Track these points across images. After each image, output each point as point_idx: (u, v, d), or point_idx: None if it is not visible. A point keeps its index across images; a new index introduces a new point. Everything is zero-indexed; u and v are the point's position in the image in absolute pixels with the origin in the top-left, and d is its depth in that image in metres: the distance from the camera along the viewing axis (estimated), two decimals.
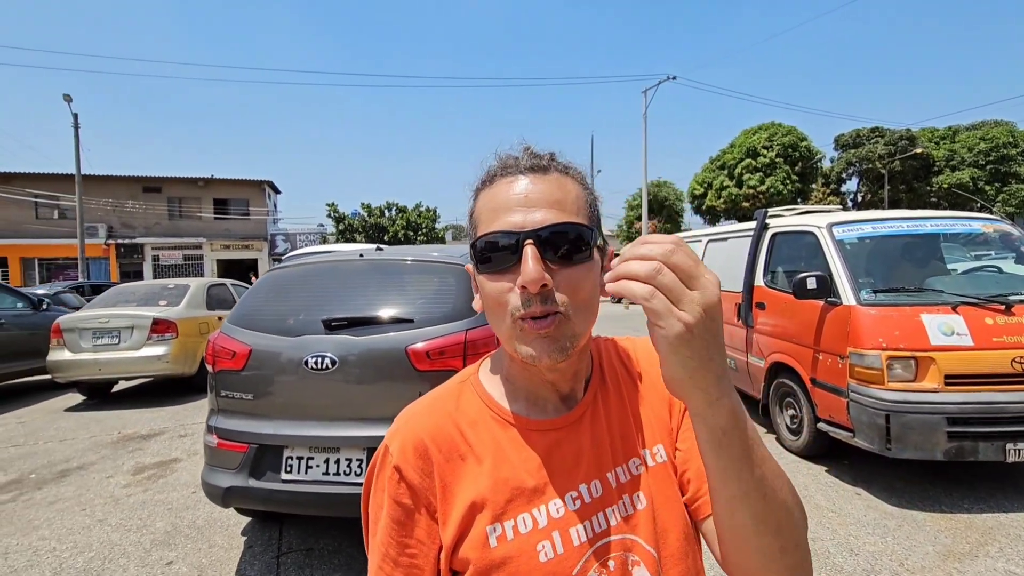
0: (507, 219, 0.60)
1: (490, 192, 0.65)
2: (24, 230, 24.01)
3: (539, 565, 0.60)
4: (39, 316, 7.23)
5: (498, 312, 0.62)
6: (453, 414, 0.68)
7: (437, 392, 0.73)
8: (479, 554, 0.61)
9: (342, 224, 27.85)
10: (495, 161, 0.67)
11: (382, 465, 0.67)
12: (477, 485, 0.63)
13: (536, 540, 0.61)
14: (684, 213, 35.13)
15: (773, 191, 29.54)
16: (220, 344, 2.73)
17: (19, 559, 2.94)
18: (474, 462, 0.65)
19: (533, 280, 0.56)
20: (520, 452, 0.66)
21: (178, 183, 26.65)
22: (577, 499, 0.64)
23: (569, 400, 0.70)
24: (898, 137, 32.63)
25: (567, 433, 0.68)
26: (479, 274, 0.64)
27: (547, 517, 0.63)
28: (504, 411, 0.69)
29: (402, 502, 0.64)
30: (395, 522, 0.64)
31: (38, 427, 5.66)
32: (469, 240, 0.68)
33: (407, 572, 0.63)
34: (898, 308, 3.43)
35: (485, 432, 0.67)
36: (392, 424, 0.70)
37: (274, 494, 2.50)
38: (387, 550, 0.63)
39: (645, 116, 24.58)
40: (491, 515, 0.62)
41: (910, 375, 3.26)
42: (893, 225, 4.03)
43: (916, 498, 3.37)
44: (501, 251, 0.60)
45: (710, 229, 6.58)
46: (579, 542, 0.62)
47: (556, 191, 0.62)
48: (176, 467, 4.30)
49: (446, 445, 0.65)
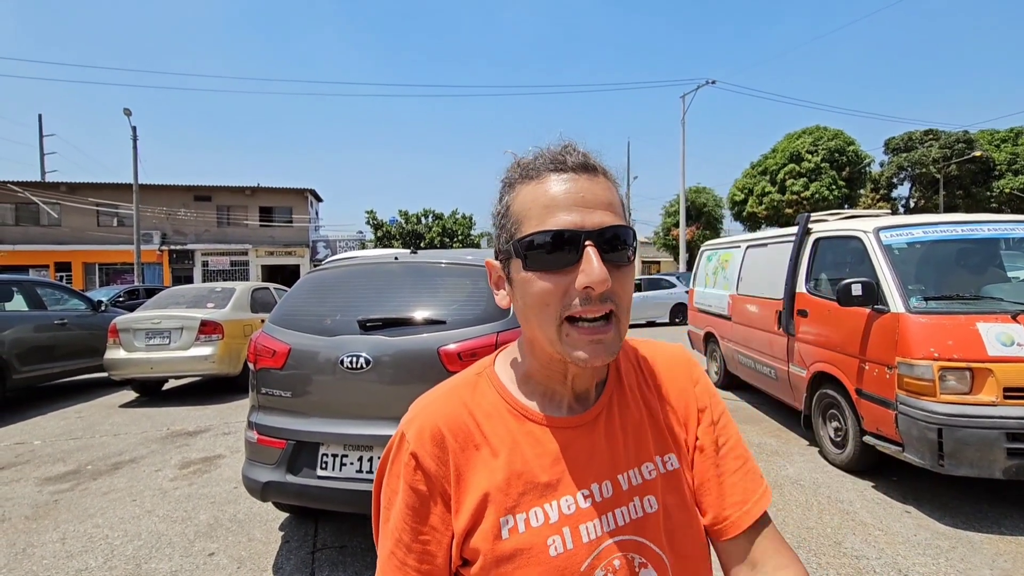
0: (564, 218, 0.59)
1: (538, 187, 0.62)
2: (86, 237, 25.53)
3: (549, 559, 0.61)
4: (98, 317, 7.66)
5: (544, 312, 0.60)
6: (469, 404, 0.69)
7: (453, 381, 0.73)
8: (490, 545, 0.61)
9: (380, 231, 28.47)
10: (533, 156, 0.65)
11: (398, 451, 0.67)
12: (491, 476, 0.64)
13: (547, 535, 0.62)
14: (724, 220, 34.33)
15: (818, 197, 28.49)
16: (261, 343, 2.84)
17: (75, 544, 3.11)
18: (489, 453, 0.65)
19: (601, 280, 0.57)
20: (535, 447, 0.66)
21: (226, 192, 27.83)
22: (588, 497, 0.64)
23: (583, 399, 0.71)
24: (954, 140, 31.00)
25: (582, 432, 0.68)
26: (524, 271, 0.61)
27: (559, 513, 0.63)
28: (521, 406, 0.69)
29: (418, 488, 0.64)
30: (409, 508, 0.64)
31: (95, 421, 5.98)
32: (502, 233, 0.65)
33: (419, 558, 0.63)
34: (951, 316, 3.26)
35: (500, 425, 0.67)
36: (408, 411, 0.70)
37: (309, 490, 2.57)
38: (400, 535, 0.64)
39: (683, 121, 24.24)
40: (504, 507, 0.63)
41: (965, 387, 3.08)
42: (946, 229, 3.83)
43: (972, 518, 3.17)
44: (559, 250, 0.59)
45: (749, 235, 6.41)
46: (588, 539, 0.62)
47: (607, 193, 0.62)
48: (219, 463, 4.47)
49: (462, 434, 0.66)
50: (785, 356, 4.74)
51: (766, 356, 5.16)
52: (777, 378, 4.94)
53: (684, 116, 24.25)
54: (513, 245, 0.62)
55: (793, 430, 4.94)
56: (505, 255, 0.65)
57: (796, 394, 4.61)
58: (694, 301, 7.53)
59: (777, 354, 4.90)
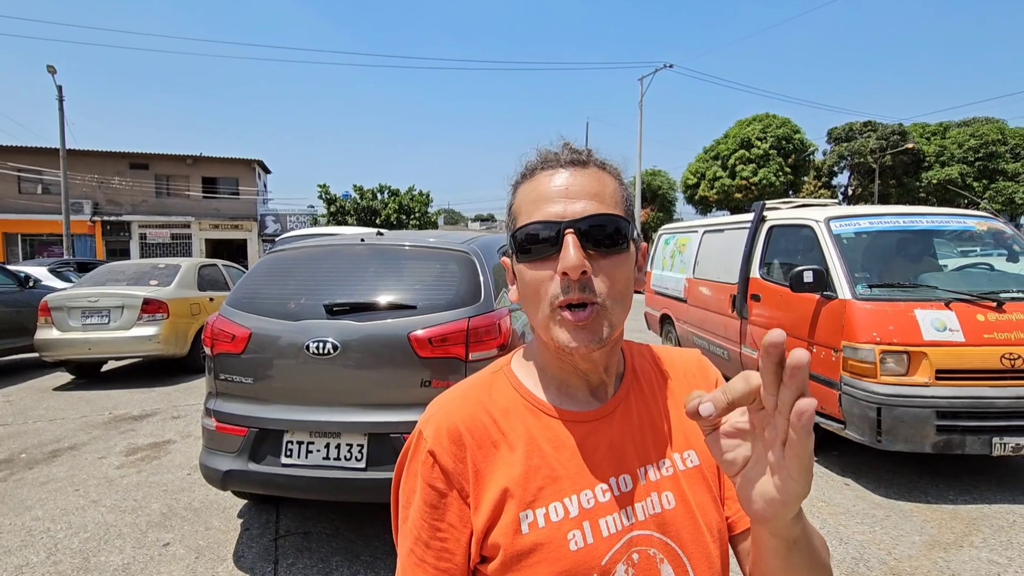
0: (548, 210, 0.62)
1: (530, 185, 0.66)
2: (6, 205, 23.45)
3: (569, 553, 0.61)
4: (26, 293, 7.11)
5: (536, 300, 0.63)
6: (486, 402, 0.69)
7: (470, 381, 0.74)
8: (510, 540, 0.61)
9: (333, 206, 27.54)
10: (535, 157, 0.69)
11: (416, 450, 0.67)
12: (510, 472, 0.64)
13: (567, 529, 0.62)
14: (677, 203, 35.23)
15: (766, 183, 29.66)
16: (219, 327, 2.71)
17: (13, 539, 2.92)
18: (507, 450, 0.65)
19: (574, 266, 0.59)
20: (552, 441, 0.66)
21: (166, 160, 26.12)
22: (607, 491, 0.65)
23: (600, 393, 0.71)
24: (890, 132, 32.84)
25: (599, 426, 0.68)
26: (519, 263, 0.65)
27: (578, 507, 0.63)
28: (538, 400, 0.69)
29: (436, 486, 0.64)
30: (428, 505, 0.64)
31: (27, 406, 5.59)
32: (508, 231, 0.69)
33: (438, 555, 0.63)
34: (892, 303, 3.48)
35: (518, 421, 0.67)
36: (425, 411, 0.70)
37: (274, 478, 2.51)
38: (419, 533, 0.64)
39: (641, 104, 24.48)
40: (523, 502, 0.62)
41: (902, 369, 3.31)
42: (889, 221, 4.07)
43: (904, 489, 3.45)
44: (542, 240, 0.62)
45: (706, 219, 6.60)
46: (608, 534, 0.63)
47: (595, 184, 0.64)
48: (170, 448, 4.28)
49: (479, 432, 0.66)
50: (738, 338, 4.95)
51: (720, 338, 5.37)
52: (730, 359, 5.16)
53: (642, 99, 24.50)
54: (510, 239, 0.67)
55: None
56: (511, 252, 0.69)
57: None
58: (651, 283, 7.72)
59: (730, 336, 5.11)
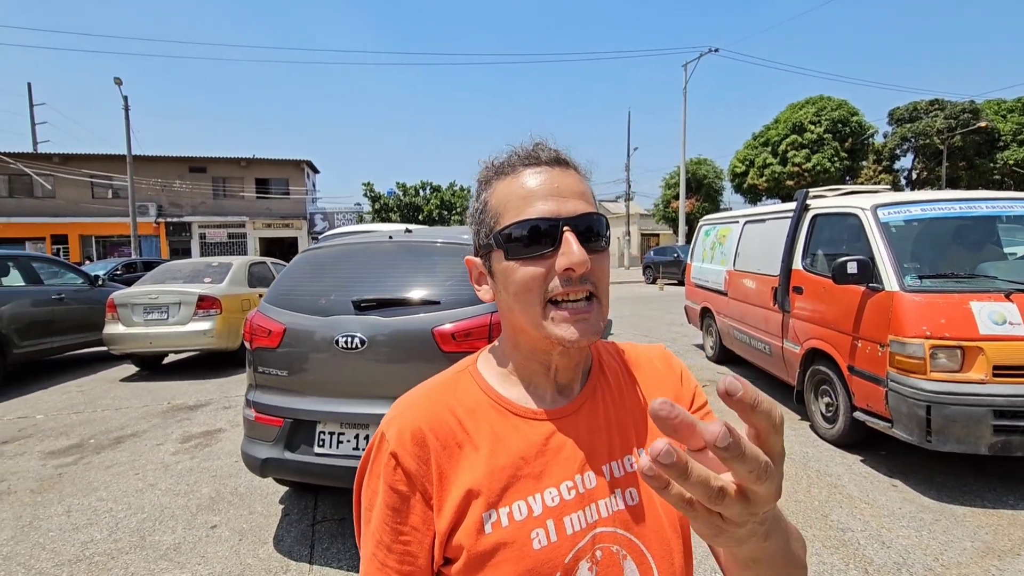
0: (540, 207, 0.63)
1: (513, 181, 0.66)
2: (81, 209, 25.30)
3: (532, 552, 0.61)
4: (96, 291, 7.66)
5: (527, 297, 0.63)
6: (451, 403, 0.69)
7: (434, 381, 0.73)
8: (473, 540, 0.61)
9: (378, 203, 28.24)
10: (507, 154, 0.69)
11: (378, 452, 0.66)
12: (473, 472, 0.64)
13: (531, 528, 0.62)
14: (724, 192, 34.06)
15: (819, 169, 28.22)
16: (257, 322, 2.85)
17: (80, 517, 3.18)
18: (471, 450, 0.65)
19: (581, 262, 0.60)
20: (518, 440, 0.66)
21: (222, 163, 27.49)
22: (572, 489, 0.65)
23: (566, 392, 0.71)
24: (960, 110, 30.47)
25: (565, 424, 0.68)
26: (506, 260, 0.64)
27: (542, 505, 0.63)
28: (503, 399, 0.69)
29: (398, 488, 0.64)
30: (390, 508, 0.64)
31: (96, 395, 6.05)
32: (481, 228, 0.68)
33: (400, 559, 0.63)
34: (945, 295, 3.27)
35: (483, 420, 0.67)
36: (388, 412, 0.70)
37: (307, 466, 2.62)
38: (381, 536, 0.64)
39: (685, 91, 23.82)
40: (487, 502, 0.62)
41: (955, 365, 3.12)
42: (944, 207, 3.80)
43: (956, 492, 3.25)
44: (539, 237, 0.62)
45: (747, 210, 6.37)
46: (572, 531, 0.63)
47: (580, 184, 0.67)
48: (220, 436, 4.54)
49: (443, 433, 0.66)
50: (780, 332, 4.77)
51: (761, 332, 5.19)
52: (771, 354, 4.98)
53: (686, 85, 23.82)
54: (494, 237, 0.65)
55: (785, 404, 5.01)
56: (485, 249, 0.68)
57: (789, 370, 4.66)
58: (691, 276, 7.53)
59: (772, 330, 4.93)
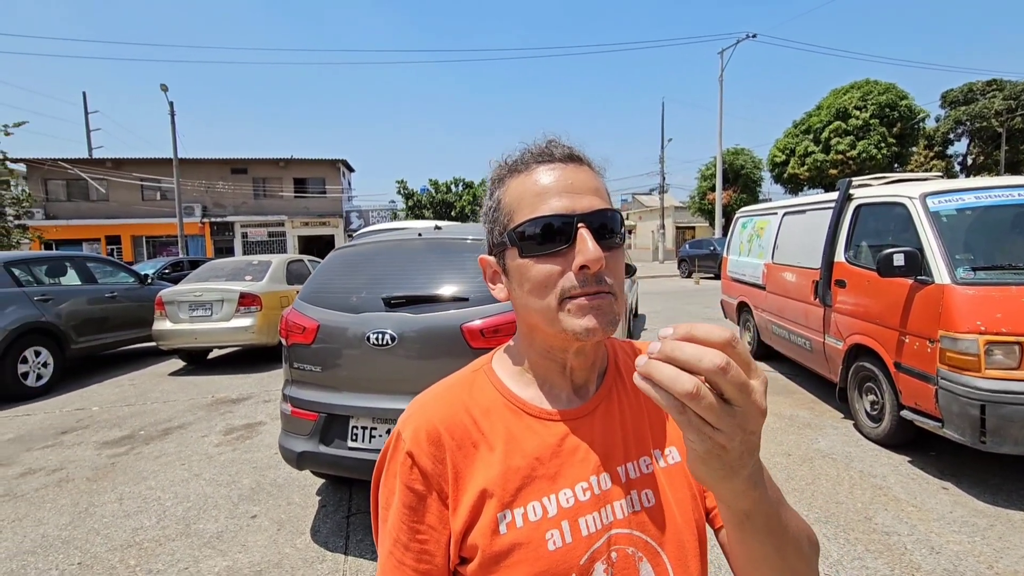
0: (554, 204, 0.62)
1: (527, 179, 0.65)
2: (133, 211, 26.56)
3: (547, 553, 0.61)
4: (145, 289, 8.02)
5: (542, 294, 0.62)
6: (466, 402, 0.69)
7: (449, 381, 0.74)
8: (488, 540, 0.61)
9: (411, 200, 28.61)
10: (521, 152, 0.68)
11: (394, 451, 0.67)
12: (488, 472, 0.64)
13: (546, 528, 0.62)
14: (763, 182, 33.00)
15: (865, 156, 26.92)
16: (292, 320, 2.92)
17: (131, 505, 3.35)
18: (486, 450, 0.65)
19: (596, 259, 0.59)
20: (532, 440, 0.66)
21: (261, 164, 28.33)
22: (587, 490, 0.64)
23: (582, 392, 0.71)
24: (1020, 90, 28.60)
25: (580, 424, 0.68)
26: (521, 258, 0.63)
27: (557, 506, 0.63)
28: (518, 399, 0.69)
29: (414, 488, 0.64)
30: (407, 507, 0.64)
31: (146, 389, 6.35)
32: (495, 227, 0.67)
33: (417, 557, 0.63)
34: (1001, 288, 3.08)
35: (498, 420, 0.67)
36: (404, 411, 0.71)
37: (341, 460, 2.68)
38: (398, 535, 0.64)
39: (721, 79, 23.20)
40: (502, 502, 0.62)
41: (1013, 362, 2.94)
42: (1001, 194, 3.57)
43: (1013, 496, 3.07)
44: (553, 234, 0.61)
45: (786, 201, 6.15)
46: (587, 533, 0.63)
47: (593, 180, 0.66)
48: (260, 429, 4.70)
49: (459, 433, 0.66)
50: (821, 327, 4.60)
51: (801, 327, 5.02)
52: (812, 349, 4.81)
53: (722, 73, 23.18)
54: (508, 235, 0.65)
55: (827, 402, 4.84)
56: (499, 247, 0.67)
57: (831, 366, 4.49)
58: (727, 270, 7.34)
59: (813, 325, 4.76)
